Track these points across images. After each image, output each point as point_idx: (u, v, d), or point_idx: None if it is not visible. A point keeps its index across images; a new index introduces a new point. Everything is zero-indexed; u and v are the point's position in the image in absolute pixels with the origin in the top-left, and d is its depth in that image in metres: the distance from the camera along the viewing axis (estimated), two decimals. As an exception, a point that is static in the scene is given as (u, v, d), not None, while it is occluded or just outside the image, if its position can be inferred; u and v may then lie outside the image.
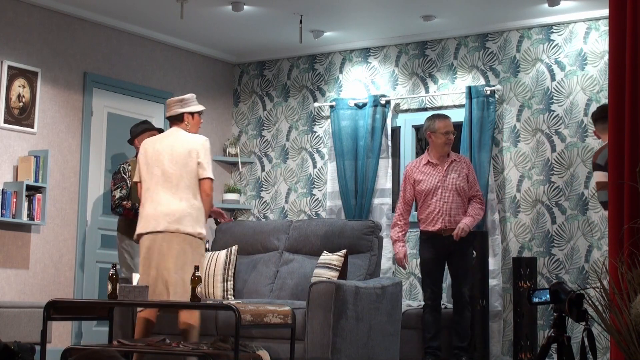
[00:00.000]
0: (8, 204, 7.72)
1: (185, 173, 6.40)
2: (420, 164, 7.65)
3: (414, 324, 7.69)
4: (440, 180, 7.50)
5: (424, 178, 7.55)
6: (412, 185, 7.59)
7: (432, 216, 7.48)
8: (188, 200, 6.37)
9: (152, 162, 6.47)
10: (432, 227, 7.47)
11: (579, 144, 8.21)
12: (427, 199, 7.51)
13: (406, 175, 7.65)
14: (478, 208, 7.54)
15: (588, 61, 8.24)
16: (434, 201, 7.48)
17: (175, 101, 6.56)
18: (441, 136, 7.54)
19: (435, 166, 7.56)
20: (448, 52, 8.91)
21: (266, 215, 9.69)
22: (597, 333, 7.43)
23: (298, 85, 9.70)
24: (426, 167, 7.59)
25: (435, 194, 7.49)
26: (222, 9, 8.38)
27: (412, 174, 7.60)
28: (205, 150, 6.45)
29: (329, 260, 6.86)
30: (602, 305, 4.27)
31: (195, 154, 6.42)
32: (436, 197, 7.48)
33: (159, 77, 9.28)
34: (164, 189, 6.40)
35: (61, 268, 8.28)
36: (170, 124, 6.60)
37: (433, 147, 7.59)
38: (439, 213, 7.45)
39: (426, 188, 7.51)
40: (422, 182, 7.54)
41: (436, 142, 7.56)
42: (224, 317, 6.73)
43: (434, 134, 7.56)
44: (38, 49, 8.20)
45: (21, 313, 7.29)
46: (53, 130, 8.29)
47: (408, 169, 7.69)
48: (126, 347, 5.91)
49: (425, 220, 7.52)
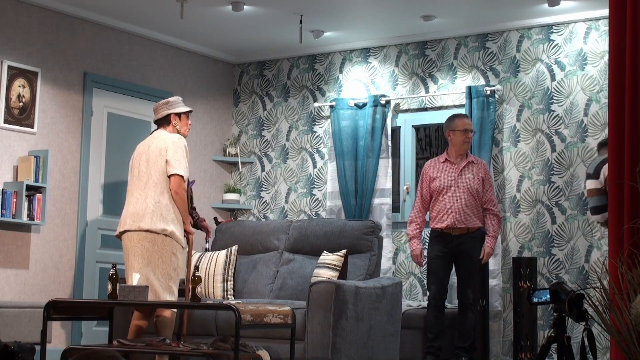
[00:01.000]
0: (8, 204, 7.72)
1: (154, 171, 6.47)
2: (438, 162, 7.68)
3: (414, 324, 7.68)
4: (455, 178, 7.52)
5: (439, 175, 7.56)
6: (428, 182, 7.60)
7: (442, 213, 7.48)
8: (154, 197, 6.42)
9: (133, 165, 6.60)
10: (440, 225, 7.47)
11: (579, 144, 8.21)
12: (439, 196, 7.52)
13: (423, 172, 7.67)
14: (495, 223, 7.56)
15: (588, 61, 8.25)
16: (445, 198, 7.49)
17: (162, 104, 6.64)
18: (459, 134, 7.57)
19: (452, 164, 7.59)
20: (448, 52, 8.91)
21: (266, 215, 9.69)
22: (597, 333, 7.43)
23: (298, 85, 9.70)
24: (443, 165, 7.62)
25: (448, 191, 7.50)
26: (222, 9, 8.37)
27: (429, 171, 7.62)
28: (176, 148, 6.45)
29: (329, 260, 6.87)
30: (602, 305, 4.27)
31: (165, 151, 6.46)
32: (448, 195, 7.49)
33: (159, 77, 9.28)
34: (136, 189, 6.50)
35: (61, 268, 8.28)
36: (158, 128, 6.68)
37: (452, 145, 7.62)
38: (449, 211, 7.45)
39: (440, 185, 7.52)
40: (436, 179, 7.55)
41: (455, 140, 7.59)
42: (224, 317, 6.73)
43: (453, 132, 7.59)
44: (38, 49, 8.20)
45: (21, 313, 7.29)
46: (53, 130, 8.29)
47: (425, 166, 7.72)
48: (126, 347, 5.91)
49: (435, 218, 7.53)
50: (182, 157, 6.48)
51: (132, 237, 6.38)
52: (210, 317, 6.81)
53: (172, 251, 6.39)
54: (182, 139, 6.53)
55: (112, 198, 8.63)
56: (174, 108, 6.62)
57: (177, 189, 6.43)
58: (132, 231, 6.38)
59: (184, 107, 6.67)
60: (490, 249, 7.52)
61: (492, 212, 7.56)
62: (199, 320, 6.85)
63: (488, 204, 7.57)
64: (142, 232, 6.35)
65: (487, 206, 7.56)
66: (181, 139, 6.52)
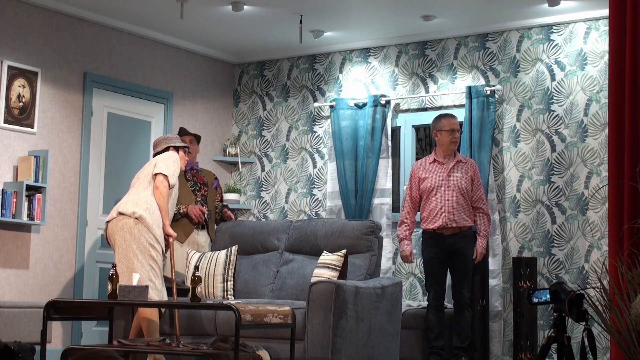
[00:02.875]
0: (8, 204, 7.72)
1: (142, 176, 6.88)
2: (426, 162, 7.69)
3: (414, 324, 7.69)
4: (444, 178, 7.52)
5: (428, 176, 7.57)
6: (417, 183, 7.61)
7: (434, 214, 7.49)
8: (136, 192, 6.81)
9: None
10: (432, 225, 7.47)
11: (579, 144, 8.21)
12: (429, 196, 7.53)
13: (412, 173, 7.68)
14: (486, 222, 7.58)
15: (588, 61, 8.24)
16: (436, 199, 7.49)
17: (161, 139, 7.15)
18: (446, 134, 7.57)
19: (440, 165, 7.59)
20: (448, 52, 8.91)
21: (266, 215, 9.69)
22: (597, 333, 7.43)
23: (298, 85, 9.70)
24: (431, 166, 7.62)
25: (438, 192, 7.50)
26: (222, 9, 8.37)
27: (418, 172, 7.64)
28: (166, 157, 6.91)
29: (329, 260, 6.87)
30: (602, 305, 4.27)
31: (155, 160, 6.90)
32: (438, 195, 7.49)
33: (159, 77, 9.28)
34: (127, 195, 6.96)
35: (61, 268, 8.28)
36: None
37: (439, 145, 7.63)
38: (440, 211, 7.46)
39: (429, 186, 7.53)
40: (426, 180, 7.56)
41: (442, 140, 7.60)
42: (224, 317, 6.73)
43: (440, 133, 7.60)
44: (38, 49, 8.20)
45: (21, 313, 7.29)
46: (53, 130, 8.29)
47: (414, 167, 7.73)
48: (126, 347, 5.91)
49: (427, 219, 7.53)
50: (171, 163, 6.82)
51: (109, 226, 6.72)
52: (210, 317, 6.81)
53: (148, 242, 6.58)
54: (174, 154, 6.97)
55: (112, 198, 8.62)
56: (172, 142, 7.10)
57: (159, 185, 6.70)
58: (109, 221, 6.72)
59: (179, 142, 7.17)
60: (483, 248, 7.55)
61: (482, 210, 7.57)
62: (199, 320, 6.85)
63: (478, 202, 7.58)
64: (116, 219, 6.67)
65: (477, 205, 7.57)
66: (174, 154, 6.98)
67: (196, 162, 7.94)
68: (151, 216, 6.61)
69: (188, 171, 7.79)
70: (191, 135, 7.95)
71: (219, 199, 7.99)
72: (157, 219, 6.64)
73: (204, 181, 7.87)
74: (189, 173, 7.81)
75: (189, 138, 7.87)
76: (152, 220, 6.61)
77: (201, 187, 7.82)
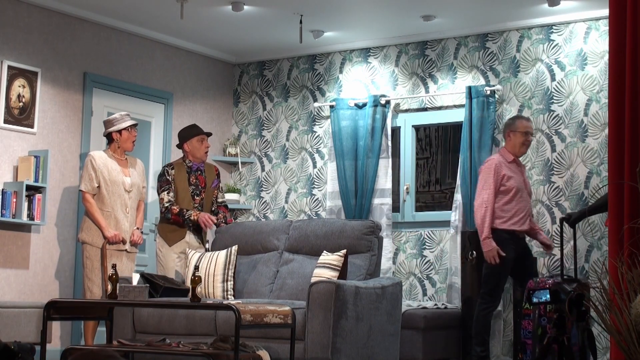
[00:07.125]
0: (8, 204, 7.72)
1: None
2: (505, 160, 7.55)
3: (414, 324, 7.68)
4: (523, 181, 7.54)
5: (512, 175, 7.49)
6: (501, 179, 7.42)
7: (521, 215, 7.46)
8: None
9: None
10: (520, 227, 7.46)
11: (579, 144, 8.21)
12: (516, 196, 7.46)
13: (496, 168, 7.44)
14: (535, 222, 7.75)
15: (588, 61, 8.25)
16: (522, 200, 7.47)
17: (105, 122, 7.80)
18: (520, 136, 7.56)
19: (517, 166, 7.59)
20: (448, 52, 8.91)
21: (266, 215, 9.69)
22: (597, 333, 7.43)
23: (298, 85, 9.70)
24: (511, 165, 7.55)
25: (522, 193, 7.50)
26: (222, 9, 8.38)
27: (502, 168, 7.45)
28: (84, 164, 7.65)
29: (329, 260, 6.86)
30: (602, 305, 4.27)
31: None
32: (523, 197, 7.49)
33: (159, 77, 9.28)
34: None
35: (61, 268, 8.28)
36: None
37: (510, 146, 7.57)
38: (526, 214, 7.49)
39: (516, 185, 7.46)
40: (511, 179, 7.45)
41: (514, 141, 7.56)
42: (224, 317, 6.73)
43: (514, 134, 7.56)
44: (38, 49, 8.20)
45: (21, 313, 7.29)
46: (53, 130, 8.29)
47: (496, 163, 7.46)
48: (126, 347, 5.91)
49: (512, 218, 7.44)
50: (84, 174, 7.65)
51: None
52: (210, 317, 6.81)
53: (86, 256, 7.66)
54: (90, 155, 7.67)
55: (112, 198, 8.62)
56: (109, 128, 7.76)
57: (84, 202, 7.69)
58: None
59: (119, 124, 7.68)
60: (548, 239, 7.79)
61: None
62: (199, 321, 6.85)
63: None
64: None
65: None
66: (89, 155, 7.66)
67: (201, 163, 7.92)
68: (88, 233, 7.66)
69: (193, 172, 7.79)
70: (204, 133, 7.94)
71: (215, 195, 7.97)
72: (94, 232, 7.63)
73: (206, 183, 7.88)
74: (193, 175, 7.80)
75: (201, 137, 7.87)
76: (91, 238, 7.65)
77: (201, 192, 7.82)
